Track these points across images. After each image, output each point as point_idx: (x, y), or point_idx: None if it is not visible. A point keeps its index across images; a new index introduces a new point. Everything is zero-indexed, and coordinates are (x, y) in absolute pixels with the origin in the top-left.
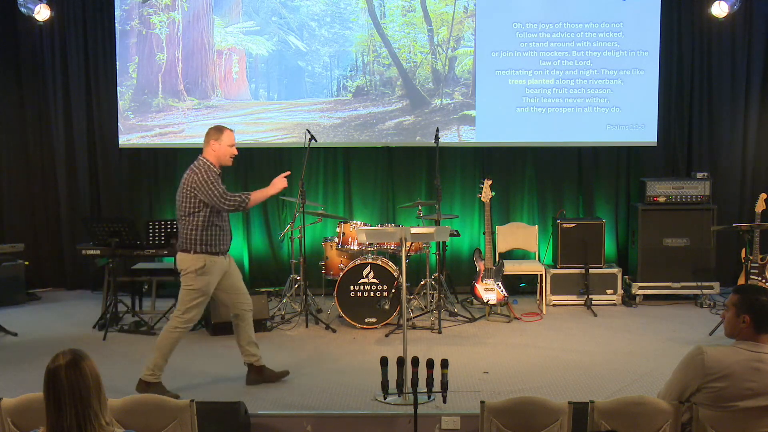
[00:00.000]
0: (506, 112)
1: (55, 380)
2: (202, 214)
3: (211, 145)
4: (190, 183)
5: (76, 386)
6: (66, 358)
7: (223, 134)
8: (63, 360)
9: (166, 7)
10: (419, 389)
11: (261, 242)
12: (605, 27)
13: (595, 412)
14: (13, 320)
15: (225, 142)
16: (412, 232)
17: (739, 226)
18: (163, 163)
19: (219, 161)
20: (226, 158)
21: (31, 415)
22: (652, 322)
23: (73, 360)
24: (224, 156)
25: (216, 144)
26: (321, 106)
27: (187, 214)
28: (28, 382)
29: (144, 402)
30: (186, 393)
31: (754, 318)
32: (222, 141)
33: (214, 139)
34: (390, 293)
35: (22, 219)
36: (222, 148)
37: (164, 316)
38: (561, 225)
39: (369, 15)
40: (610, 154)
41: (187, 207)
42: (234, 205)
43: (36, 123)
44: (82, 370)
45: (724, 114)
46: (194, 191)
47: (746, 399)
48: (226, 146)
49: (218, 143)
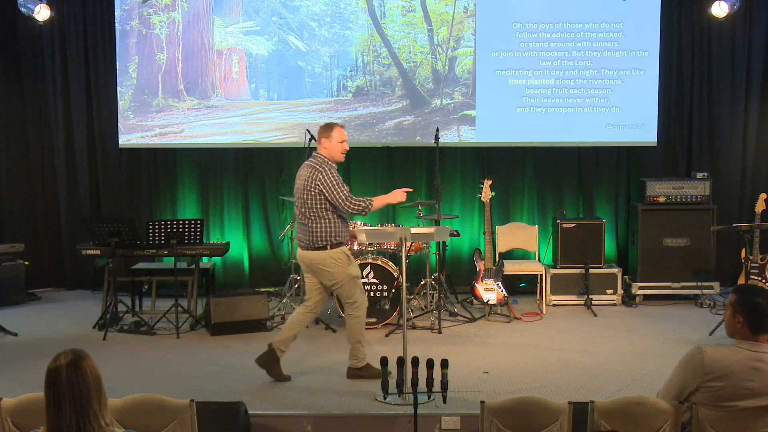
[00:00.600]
0: (506, 112)
1: (55, 380)
2: (331, 211)
3: (323, 144)
4: (317, 181)
5: (77, 386)
6: (67, 358)
7: (333, 131)
8: (64, 360)
9: (166, 7)
10: (419, 389)
11: (261, 242)
12: (605, 27)
13: (595, 412)
14: (13, 320)
15: (335, 138)
16: (412, 232)
17: (739, 226)
18: (163, 163)
19: (332, 158)
20: (337, 154)
21: (31, 415)
22: (652, 322)
23: (74, 360)
24: (336, 152)
25: (327, 142)
26: (321, 106)
27: (319, 211)
28: (28, 382)
29: (144, 402)
30: (186, 393)
31: (748, 319)
32: (332, 138)
33: (325, 137)
34: (390, 293)
35: (22, 219)
36: (333, 145)
37: (164, 316)
38: (561, 225)
39: (369, 15)
40: (610, 154)
41: (317, 206)
42: (357, 210)
43: (36, 123)
44: (83, 370)
45: (724, 114)
46: (322, 190)
47: (746, 399)
48: (336, 143)
49: (329, 141)
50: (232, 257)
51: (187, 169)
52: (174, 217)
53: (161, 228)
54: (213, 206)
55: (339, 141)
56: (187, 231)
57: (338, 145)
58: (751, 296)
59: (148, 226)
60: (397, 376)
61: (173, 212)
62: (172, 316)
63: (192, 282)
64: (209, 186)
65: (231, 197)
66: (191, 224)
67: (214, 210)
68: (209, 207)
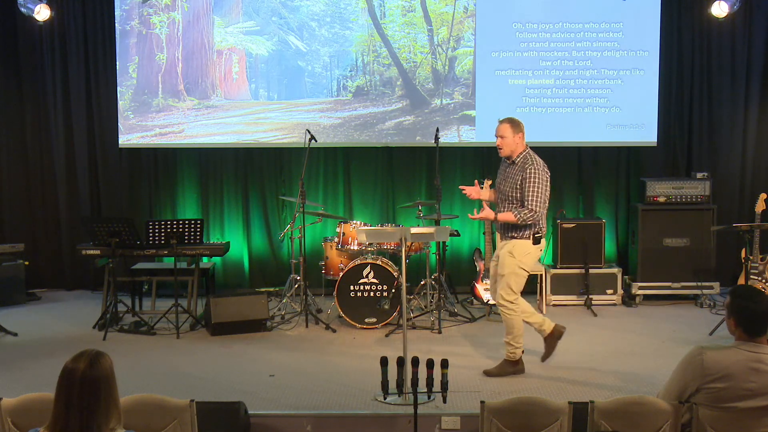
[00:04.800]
0: (506, 112)
1: (69, 380)
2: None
3: (519, 138)
4: (538, 179)
5: (89, 392)
6: (86, 362)
7: (523, 127)
8: (83, 363)
9: (166, 7)
10: (419, 389)
11: (261, 242)
12: (605, 27)
13: (595, 412)
14: (13, 320)
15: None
16: (412, 232)
17: (739, 226)
18: (163, 163)
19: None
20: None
21: (31, 415)
22: (652, 322)
23: (91, 365)
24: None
25: (519, 138)
26: (321, 106)
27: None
28: (28, 382)
29: (144, 402)
30: (186, 393)
31: (739, 322)
32: (523, 134)
33: (521, 133)
34: (390, 293)
35: (22, 219)
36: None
37: (164, 316)
38: (561, 225)
39: (369, 15)
40: (610, 154)
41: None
42: (534, 219)
43: (36, 123)
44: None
45: (724, 114)
46: (533, 186)
47: (746, 399)
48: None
49: (520, 137)
50: (232, 257)
51: (187, 169)
52: (174, 217)
53: (161, 228)
54: (213, 206)
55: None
56: (187, 231)
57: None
58: (744, 300)
59: (148, 226)
60: (397, 376)
61: (173, 212)
62: (172, 316)
63: (192, 282)
64: (209, 186)
65: (231, 197)
66: (191, 224)
67: (214, 210)
68: (209, 207)
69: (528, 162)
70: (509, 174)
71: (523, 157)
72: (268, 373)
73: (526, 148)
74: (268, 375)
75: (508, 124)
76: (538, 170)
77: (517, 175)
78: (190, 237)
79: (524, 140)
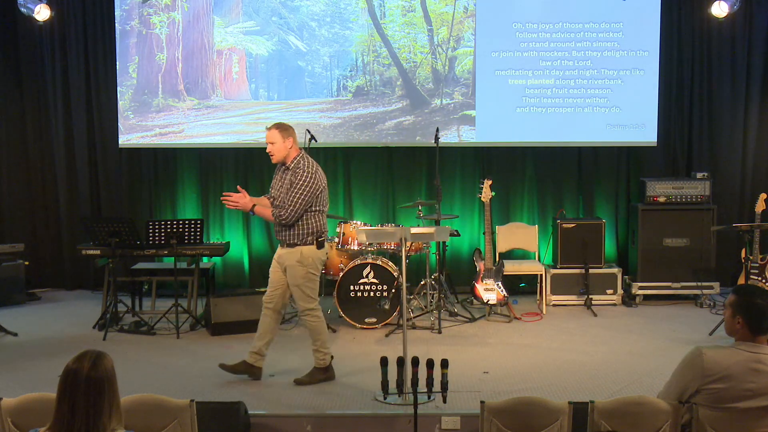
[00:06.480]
0: (506, 112)
1: (74, 381)
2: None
3: (289, 142)
4: (303, 182)
5: (94, 393)
6: (90, 362)
7: (293, 132)
8: (86, 364)
9: (166, 7)
10: (419, 389)
11: (261, 242)
12: (605, 27)
13: (595, 412)
14: (13, 320)
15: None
16: (412, 232)
17: (739, 226)
18: (163, 163)
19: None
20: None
21: (31, 415)
22: (652, 322)
23: (94, 365)
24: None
25: (289, 142)
26: (321, 106)
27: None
28: (28, 382)
29: (144, 402)
30: (186, 393)
31: (747, 320)
32: (294, 138)
33: (291, 137)
34: (390, 293)
35: (22, 219)
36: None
37: (164, 316)
38: (561, 225)
39: (369, 15)
40: (610, 154)
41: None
42: (286, 218)
43: (36, 123)
44: (102, 376)
45: (724, 114)
46: (296, 188)
47: (746, 400)
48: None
49: (291, 141)
50: (232, 257)
51: (187, 169)
52: (174, 217)
53: (161, 228)
54: (213, 206)
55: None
56: (187, 231)
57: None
58: (751, 297)
59: (148, 226)
60: (397, 376)
61: (173, 212)
62: (172, 316)
63: (192, 282)
64: (209, 186)
65: None
66: (191, 224)
67: (214, 210)
68: (209, 207)
69: (300, 166)
70: (284, 179)
71: (296, 162)
72: (268, 373)
73: (299, 152)
74: (268, 375)
75: (276, 130)
76: (307, 174)
77: (291, 179)
78: (190, 237)
79: (296, 144)
